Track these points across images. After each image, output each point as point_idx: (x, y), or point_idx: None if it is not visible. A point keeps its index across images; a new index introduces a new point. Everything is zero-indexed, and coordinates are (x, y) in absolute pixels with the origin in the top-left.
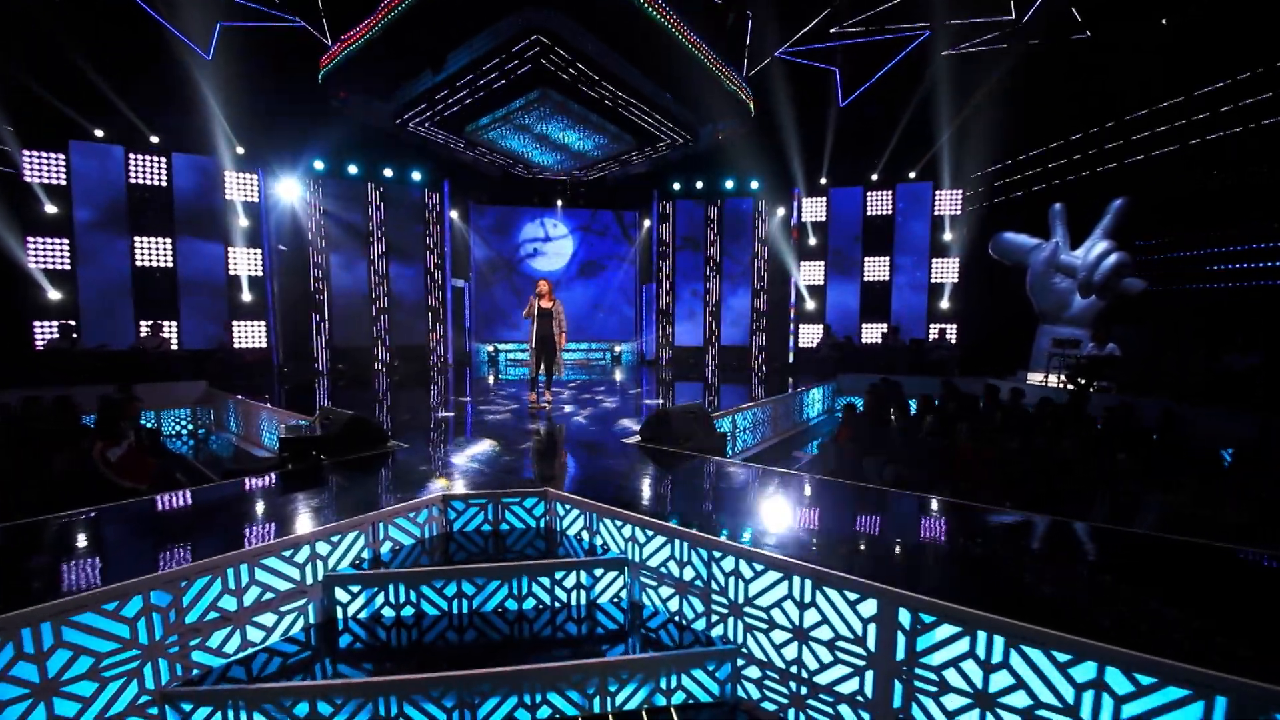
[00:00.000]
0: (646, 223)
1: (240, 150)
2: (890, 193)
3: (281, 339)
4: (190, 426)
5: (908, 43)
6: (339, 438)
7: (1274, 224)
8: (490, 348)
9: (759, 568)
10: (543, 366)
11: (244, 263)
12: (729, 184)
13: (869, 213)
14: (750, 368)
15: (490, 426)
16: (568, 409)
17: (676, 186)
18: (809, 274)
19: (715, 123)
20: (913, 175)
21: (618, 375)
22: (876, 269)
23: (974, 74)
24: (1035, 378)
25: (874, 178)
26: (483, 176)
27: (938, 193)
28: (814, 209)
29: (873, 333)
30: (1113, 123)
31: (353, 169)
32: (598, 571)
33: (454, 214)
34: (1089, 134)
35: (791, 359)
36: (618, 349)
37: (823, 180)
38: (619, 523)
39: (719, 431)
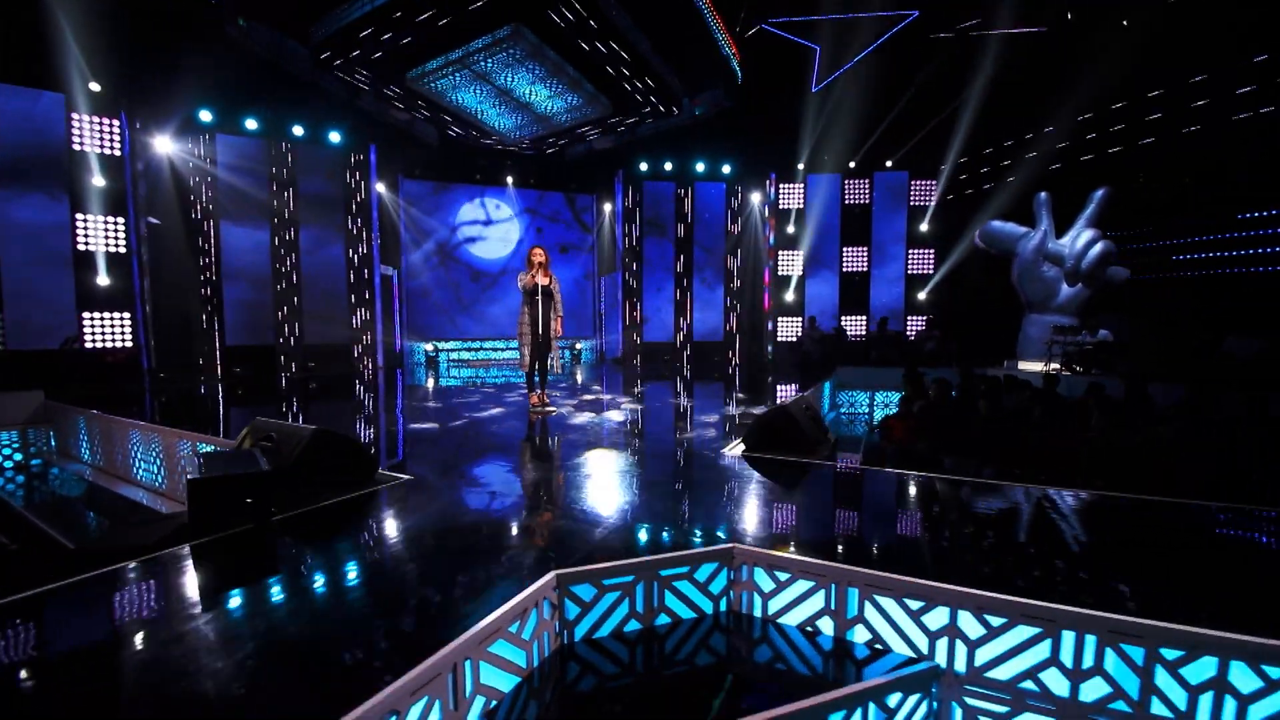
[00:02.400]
0: (607, 207)
1: (96, 87)
2: (867, 181)
3: (154, 336)
4: (18, 456)
5: (893, 24)
6: (298, 469)
7: (1255, 213)
8: (429, 346)
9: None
10: (537, 361)
11: (100, 235)
12: (700, 167)
13: (846, 201)
14: (733, 363)
15: (507, 441)
16: (584, 416)
17: (644, 167)
18: (787, 264)
19: (699, 93)
20: (889, 164)
21: (579, 376)
22: (855, 260)
23: (957, 61)
24: (1027, 366)
25: (851, 165)
26: (417, 143)
27: (914, 182)
28: (791, 195)
29: (852, 325)
30: (1091, 114)
31: (251, 123)
32: (892, 699)
33: (380, 187)
34: (1072, 122)
35: (770, 353)
36: (578, 347)
37: (800, 166)
38: (913, 602)
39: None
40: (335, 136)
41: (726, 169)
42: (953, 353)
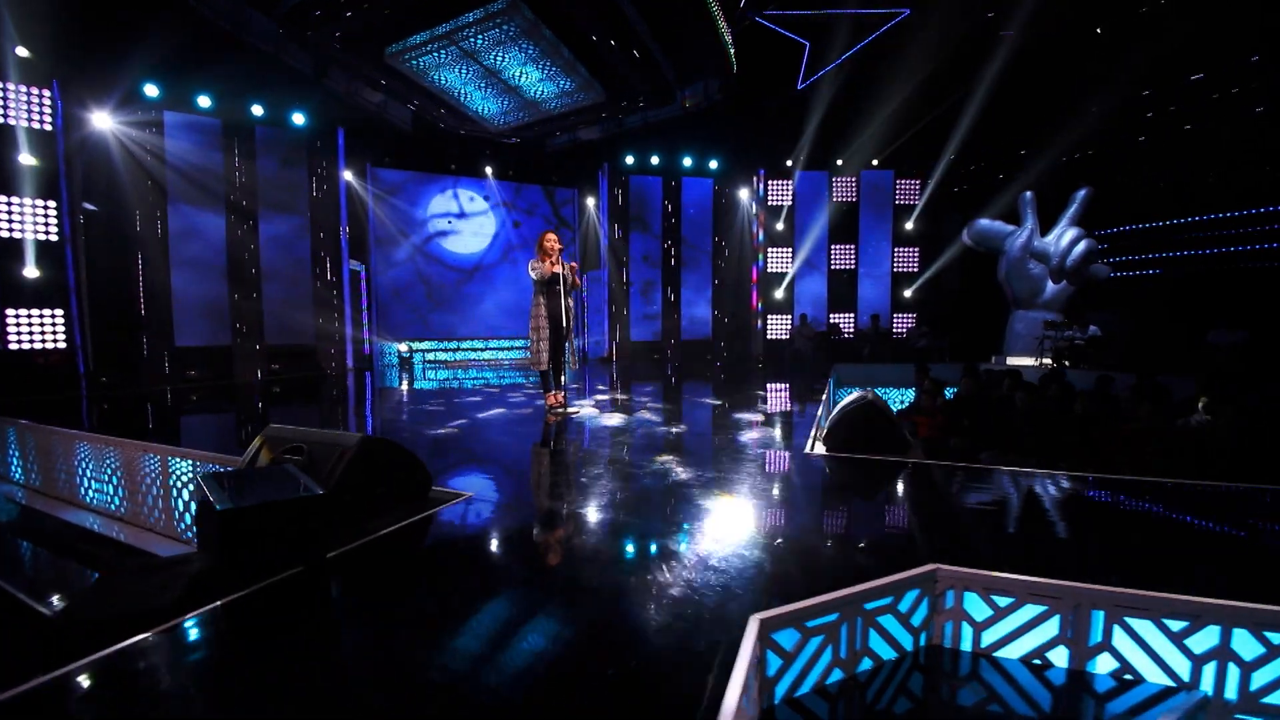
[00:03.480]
0: (590, 201)
1: (24, 53)
2: (854, 179)
3: (92, 336)
4: None
5: (882, 23)
6: (343, 490)
7: (1232, 212)
8: (402, 347)
9: None
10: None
11: (27, 221)
12: (687, 162)
13: (834, 199)
14: (722, 362)
15: (553, 448)
16: (615, 418)
17: (630, 160)
18: (776, 261)
19: (692, 84)
20: (875, 163)
21: (565, 376)
22: (843, 257)
23: (946, 61)
24: (1015, 361)
25: (839, 163)
26: (389, 128)
27: (900, 181)
28: (780, 192)
29: (842, 323)
30: (1073, 116)
31: (205, 101)
32: None
33: (348, 175)
34: (1055, 123)
35: (762, 352)
36: None
37: (789, 163)
38: (1174, 622)
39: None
40: (299, 118)
41: (714, 164)
42: (945, 349)
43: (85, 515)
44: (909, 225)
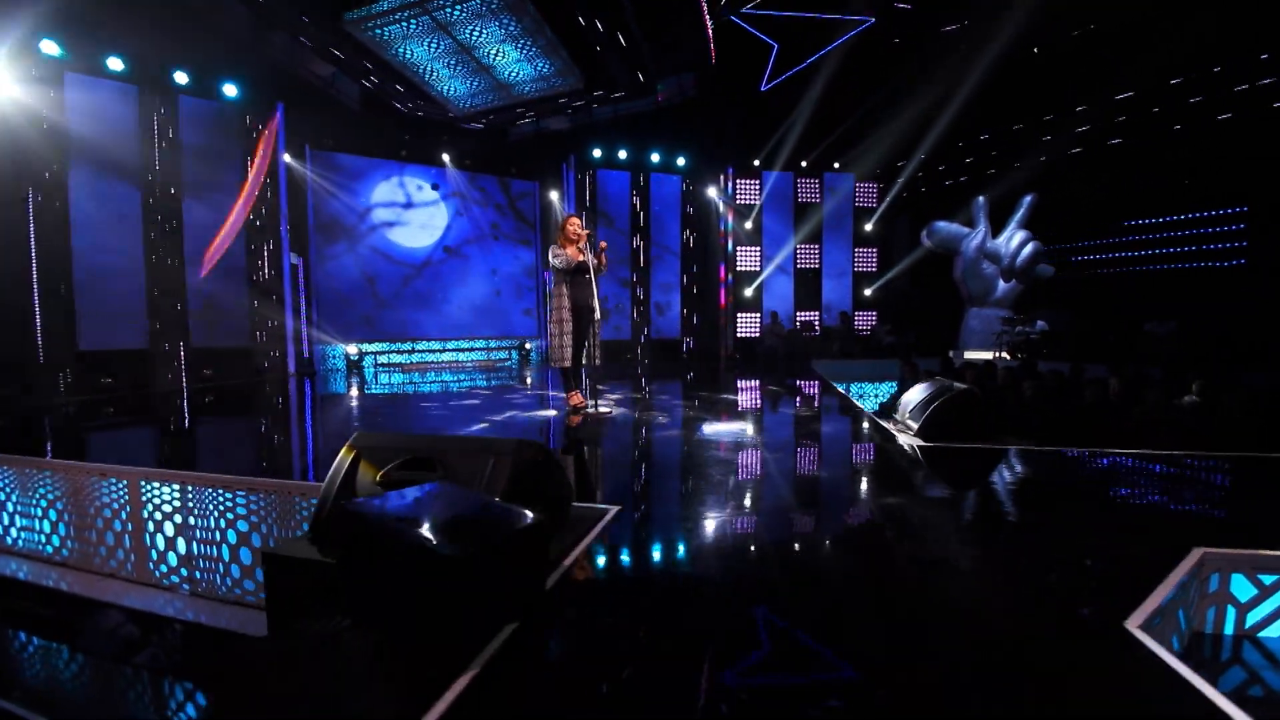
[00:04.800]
0: (553, 195)
1: None
2: (818, 181)
3: None
4: None
5: (848, 28)
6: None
7: (1167, 217)
8: (351, 349)
9: None
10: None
11: None
12: (655, 157)
13: (799, 199)
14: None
15: (652, 449)
16: (659, 415)
17: (597, 154)
18: (744, 260)
19: (669, 78)
20: (837, 165)
21: (529, 377)
22: (808, 257)
23: (906, 68)
24: (973, 355)
25: (803, 164)
26: (334, 106)
27: (859, 185)
28: (748, 192)
29: (810, 320)
30: (1020, 125)
31: (116, 63)
32: None
33: (286, 157)
34: (1004, 132)
35: (733, 350)
36: (527, 346)
37: (756, 163)
38: None
39: None
40: (232, 90)
41: (682, 161)
42: (910, 344)
43: (10, 562)
44: (868, 227)
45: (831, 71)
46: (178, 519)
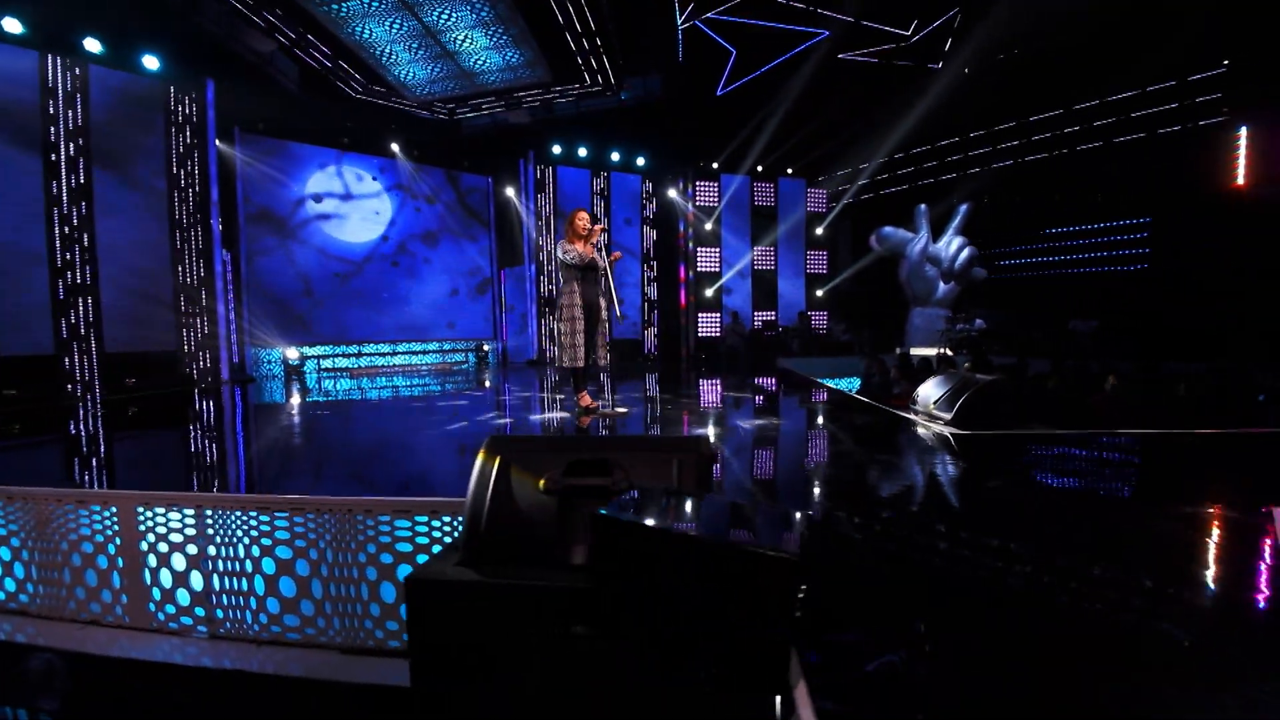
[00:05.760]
0: (510, 191)
1: None
2: (772, 185)
3: None
4: None
5: (803, 40)
6: None
7: (1088, 225)
8: (291, 353)
9: None
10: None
11: None
12: (615, 156)
13: (755, 203)
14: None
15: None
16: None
17: (557, 150)
18: (704, 261)
19: (638, 76)
20: (790, 171)
21: (487, 379)
22: (764, 259)
23: (855, 82)
24: (918, 351)
25: (759, 169)
26: (271, 86)
27: (810, 190)
28: (707, 194)
29: (761, 321)
30: (957, 138)
31: (13, 25)
32: None
33: (217, 140)
34: (941, 145)
35: (694, 349)
36: (485, 348)
37: (715, 165)
38: None
39: None
40: (153, 62)
41: (641, 161)
42: (865, 341)
43: None
44: (819, 231)
45: (786, 81)
46: (192, 549)
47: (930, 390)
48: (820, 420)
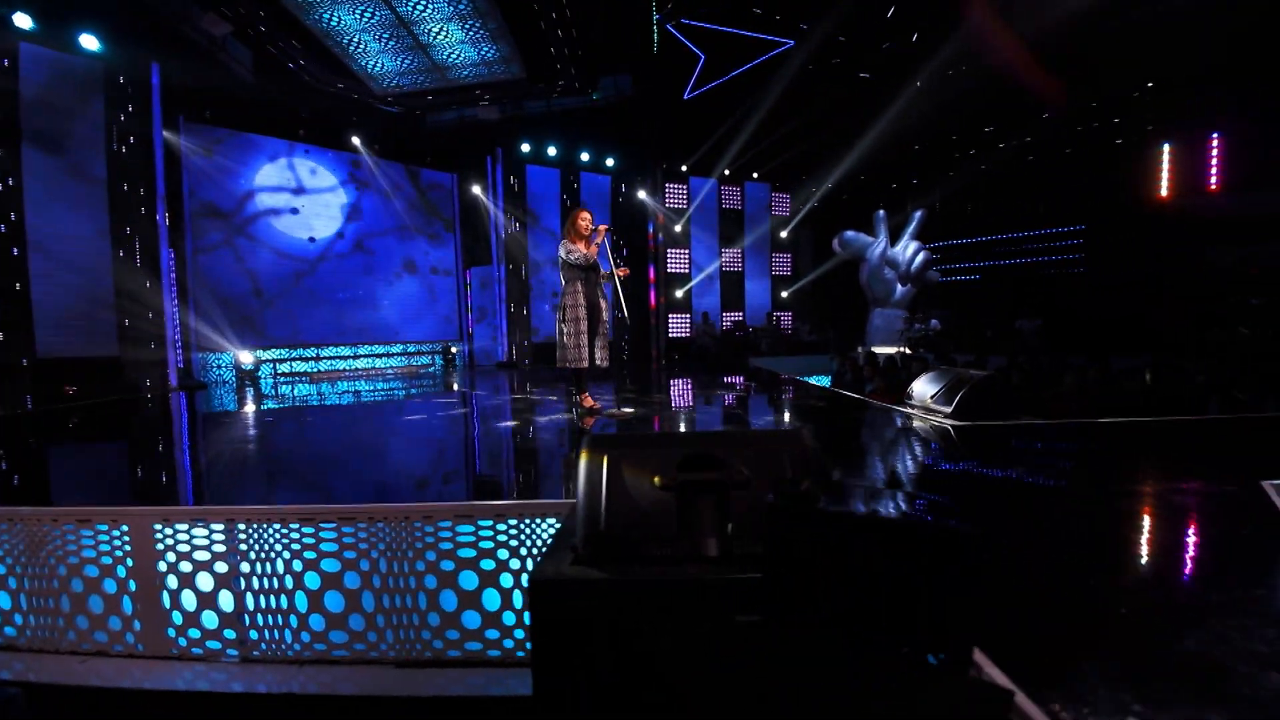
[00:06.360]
0: (476, 189)
1: None
2: (739, 188)
3: None
4: None
5: (770, 48)
6: None
7: (1030, 231)
8: (245, 357)
9: None
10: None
11: None
12: (585, 156)
13: (723, 205)
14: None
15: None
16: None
17: (526, 149)
18: (674, 262)
19: (609, 76)
20: (756, 175)
21: (454, 383)
22: (732, 261)
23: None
24: (879, 350)
25: (726, 172)
26: (221, 72)
27: (775, 195)
28: (677, 195)
29: (729, 322)
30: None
31: None
32: None
33: (164, 132)
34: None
35: (664, 350)
36: (453, 350)
37: (684, 168)
38: None
39: None
40: (92, 42)
41: (611, 162)
42: (830, 341)
43: None
44: (784, 234)
45: (754, 88)
46: (222, 566)
47: (925, 387)
48: (828, 416)
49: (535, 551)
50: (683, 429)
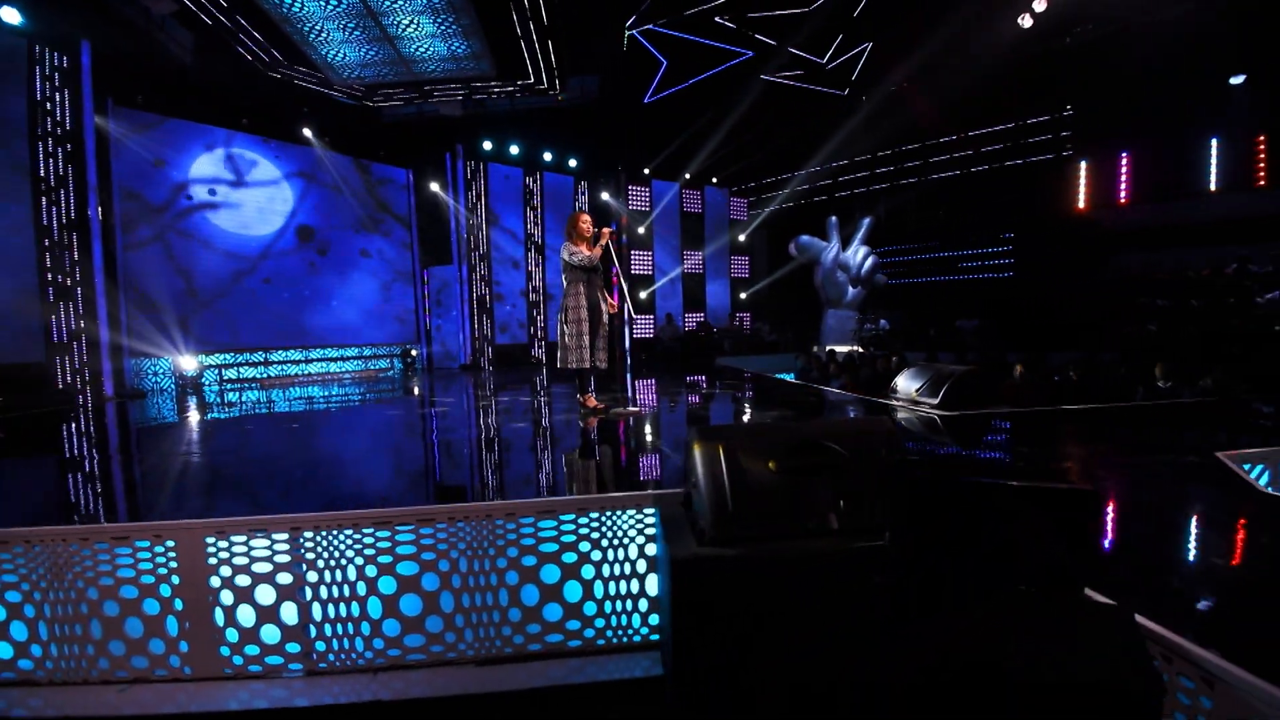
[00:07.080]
0: (434, 186)
1: None
2: (700, 192)
3: None
4: None
5: (730, 57)
6: None
7: (971, 237)
8: (187, 362)
9: None
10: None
11: None
12: (548, 156)
13: (684, 209)
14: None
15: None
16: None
17: (488, 146)
18: (637, 264)
19: (576, 77)
20: (715, 180)
21: (415, 385)
22: (693, 263)
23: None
24: (834, 348)
25: (687, 176)
26: (158, 55)
27: (733, 200)
28: (639, 198)
29: (690, 322)
30: (868, 156)
31: None
32: None
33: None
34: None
35: (631, 350)
36: (413, 353)
37: (646, 170)
38: None
39: None
40: (13, 15)
41: (573, 163)
42: (790, 340)
43: None
44: (741, 238)
45: (713, 95)
46: (285, 577)
47: (909, 382)
48: (825, 409)
49: (615, 542)
50: (719, 422)
